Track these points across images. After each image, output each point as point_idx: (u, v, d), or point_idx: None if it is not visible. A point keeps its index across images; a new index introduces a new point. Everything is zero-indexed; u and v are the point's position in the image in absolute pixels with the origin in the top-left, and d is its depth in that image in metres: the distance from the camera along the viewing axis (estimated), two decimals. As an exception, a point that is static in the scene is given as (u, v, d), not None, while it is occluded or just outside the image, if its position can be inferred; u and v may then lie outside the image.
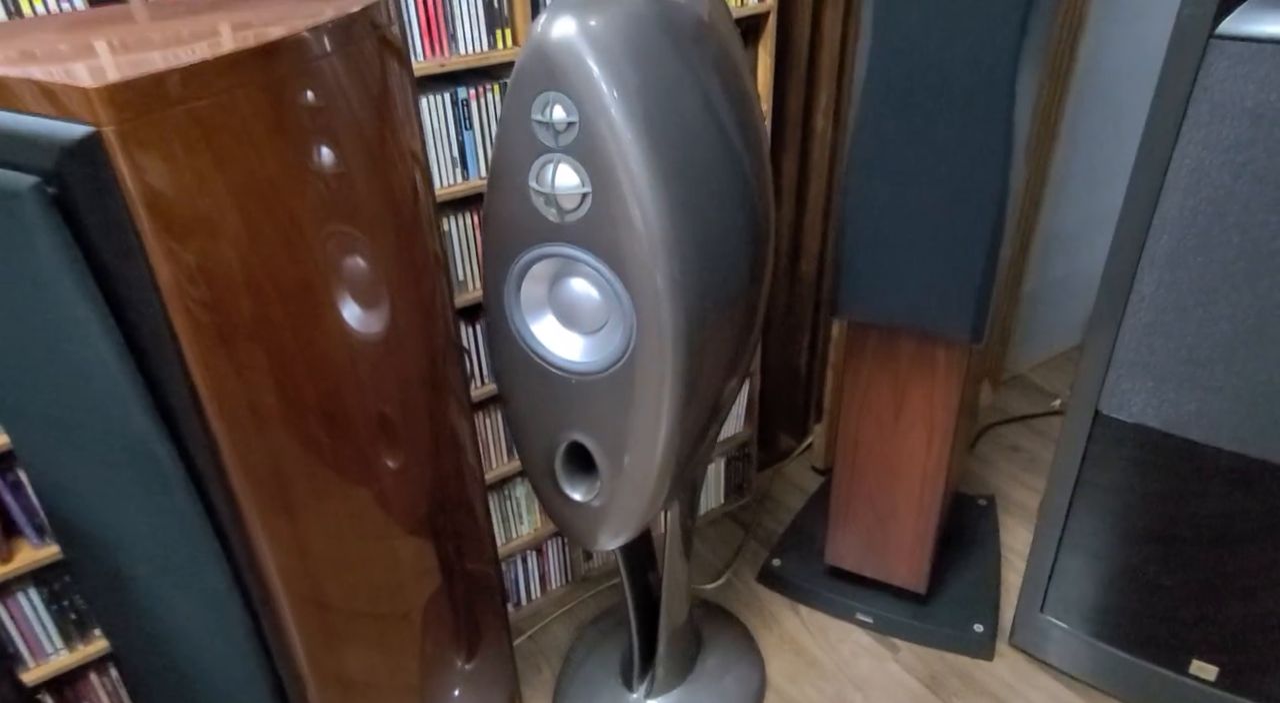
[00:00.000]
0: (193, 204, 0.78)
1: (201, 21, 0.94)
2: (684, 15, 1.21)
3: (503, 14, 1.38)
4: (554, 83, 1.01)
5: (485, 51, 1.38)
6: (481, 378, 1.64)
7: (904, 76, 1.35)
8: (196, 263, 0.79)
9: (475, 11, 1.35)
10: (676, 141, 1.10)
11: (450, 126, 1.39)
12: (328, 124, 0.96)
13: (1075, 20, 2.17)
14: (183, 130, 0.75)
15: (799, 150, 2.07)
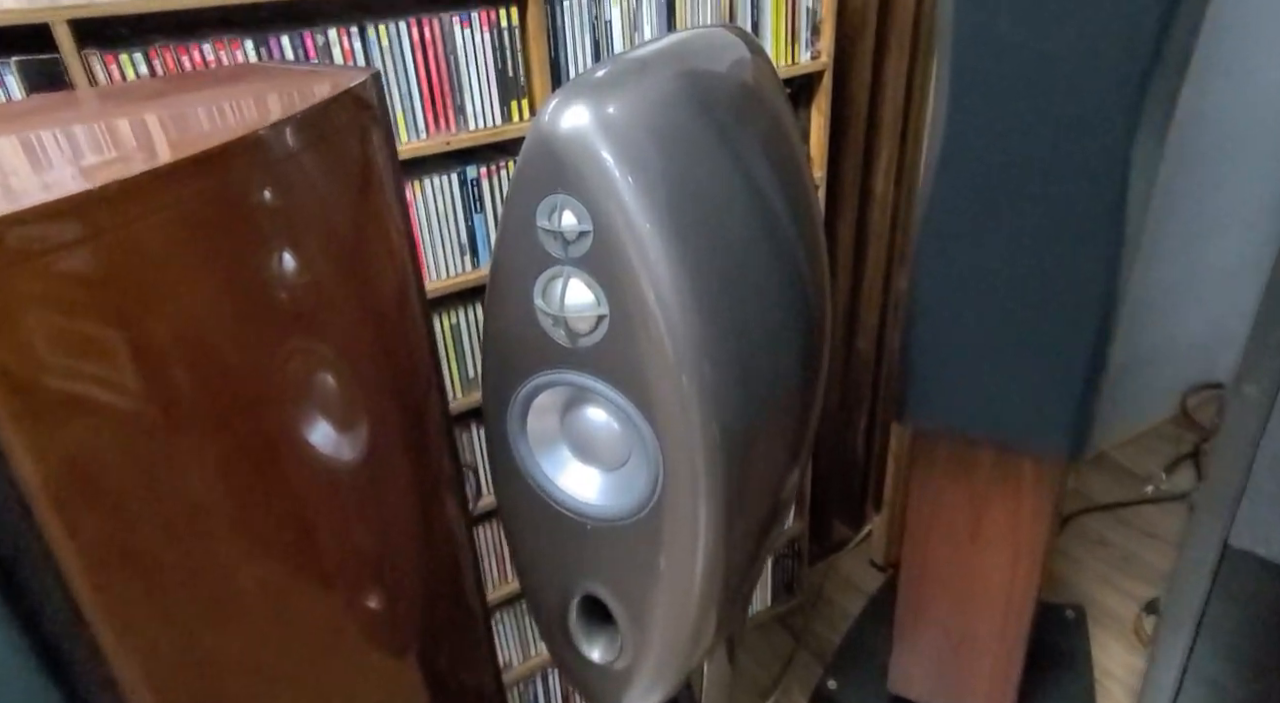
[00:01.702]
0: (72, 375, 0.60)
1: (136, 118, 0.78)
2: (724, 86, 1.02)
3: (518, 83, 1.21)
4: (563, 184, 0.82)
5: (498, 126, 1.21)
6: (490, 487, 1.45)
7: (989, 148, 1.13)
8: (79, 448, 0.61)
9: (487, 81, 1.18)
10: (714, 247, 0.90)
11: (458, 209, 1.22)
12: (286, 230, 0.79)
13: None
14: (57, 286, 0.58)
15: (856, 215, 1.85)
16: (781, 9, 1.42)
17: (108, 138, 0.73)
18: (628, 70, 0.89)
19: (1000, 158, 1.12)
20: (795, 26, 1.45)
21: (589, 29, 1.23)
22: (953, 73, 1.11)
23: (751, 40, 1.10)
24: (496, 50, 1.17)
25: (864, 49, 1.64)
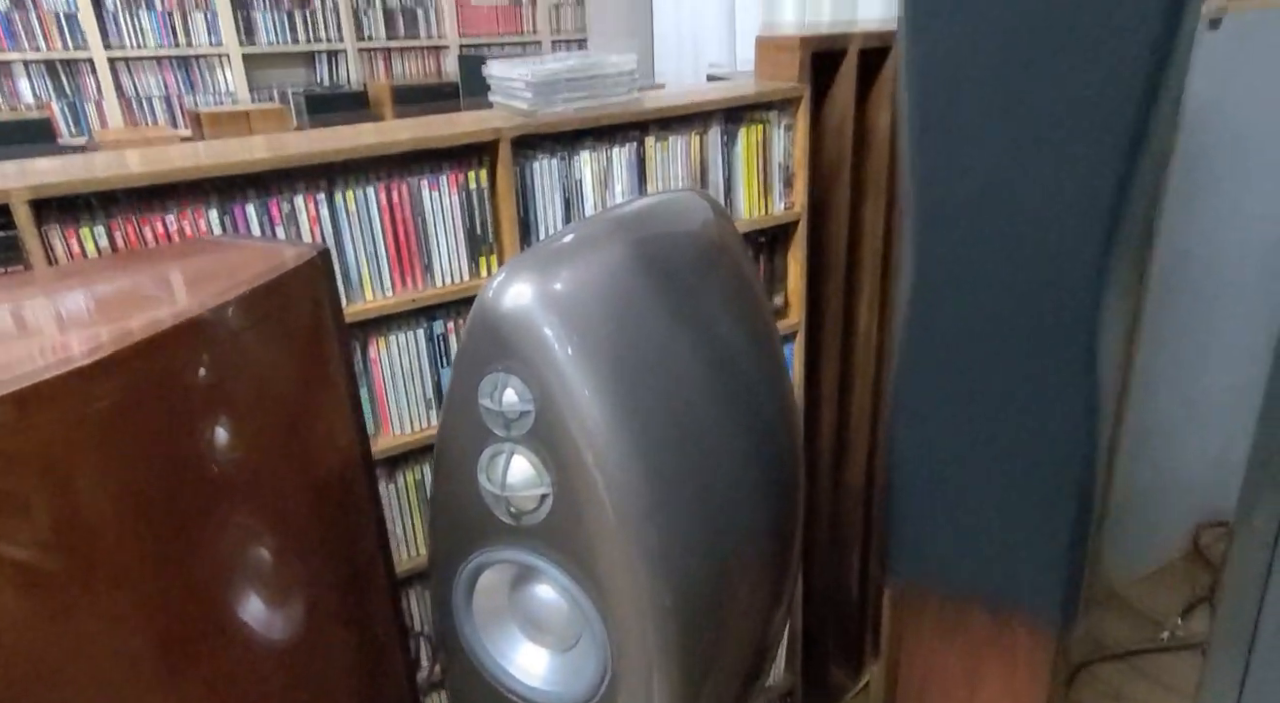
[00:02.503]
0: None
1: (82, 304, 0.79)
2: (681, 252, 1.02)
3: (487, 241, 1.22)
4: (505, 361, 0.81)
5: (466, 282, 1.22)
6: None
7: (955, 306, 1.12)
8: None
9: (455, 240, 1.19)
10: (664, 415, 0.88)
11: (424, 364, 1.21)
12: (223, 405, 0.77)
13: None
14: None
15: (840, 349, 1.84)
16: (753, 164, 1.45)
17: (51, 329, 0.73)
18: (577, 243, 0.90)
19: (967, 315, 1.11)
20: (768, 180, 1.48)
21: (559, 189, 1.26)
22: (916, 222, 1.12)
23: (714, 203, 1.12)
24: (465, 210, 1.19)
25: (840, 195, 1.68)
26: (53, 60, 3.18)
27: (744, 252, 1.16)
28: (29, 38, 3.10)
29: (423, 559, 1.29)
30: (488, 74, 1.32)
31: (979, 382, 1.12)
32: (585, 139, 1.29)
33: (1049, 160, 0.99)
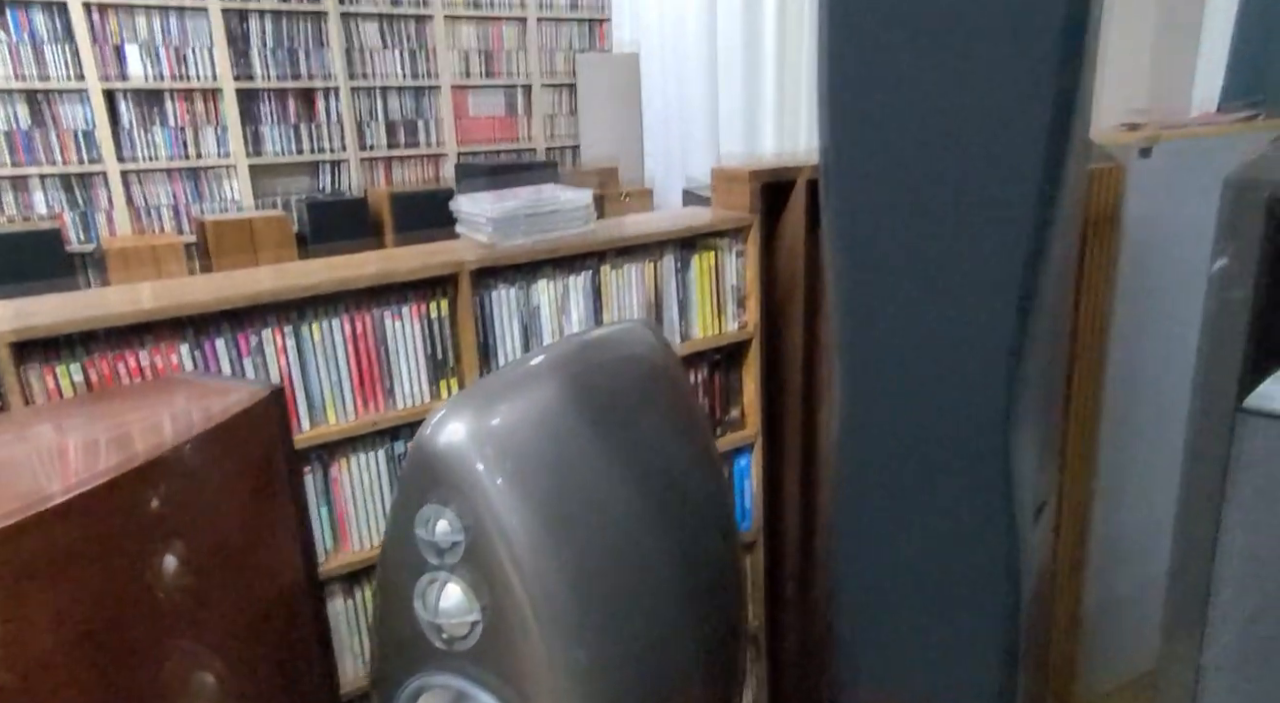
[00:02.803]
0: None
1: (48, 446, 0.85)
2: (620, 380, 1.10)
3: (448, 365, 1.30)
4: (438, 494, 0.87)
5: (426, 403, 1.29)
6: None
7: (881, 438, 1.18)
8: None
9: (416, 365, 1.27)
10: (597, 543, 0.93)
11: (385, 483, 1.27)
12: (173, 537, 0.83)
13: (1097, 308, 2.04)
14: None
15: (802, 456, 1.89)
16: (707, 287, 1.55)
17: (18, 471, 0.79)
18: (515, 380, 0.97)
19: (893, 446, 1.17)
20: (721, 301, 1.57)
21: (518, 315, 1.35)
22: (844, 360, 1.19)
23: (655, 332, 1.20)
24: (427, 337, 1.27)
25: (795, 311, 1.76)
26: (68, 174, 3.36)
27: (684, 377, 1.23)
28: (47, 153, 3.29)
29: (378, 675, 1.31)
30: (454, 208, 1.42)
31: (907, 508, 1.17)
32: (543, 268, 1.38)
33: (953, 313, 1.07)
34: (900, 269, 1.11)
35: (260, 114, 3.80)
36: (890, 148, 1.09)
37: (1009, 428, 1.07)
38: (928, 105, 1.04)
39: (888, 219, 1.11)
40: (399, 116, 4.23)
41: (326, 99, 3.97)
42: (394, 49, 4.12)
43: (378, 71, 4.08)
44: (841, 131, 1.13)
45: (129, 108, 3.47)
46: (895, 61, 1.05)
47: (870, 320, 1.16)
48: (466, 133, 4.52)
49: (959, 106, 1.03)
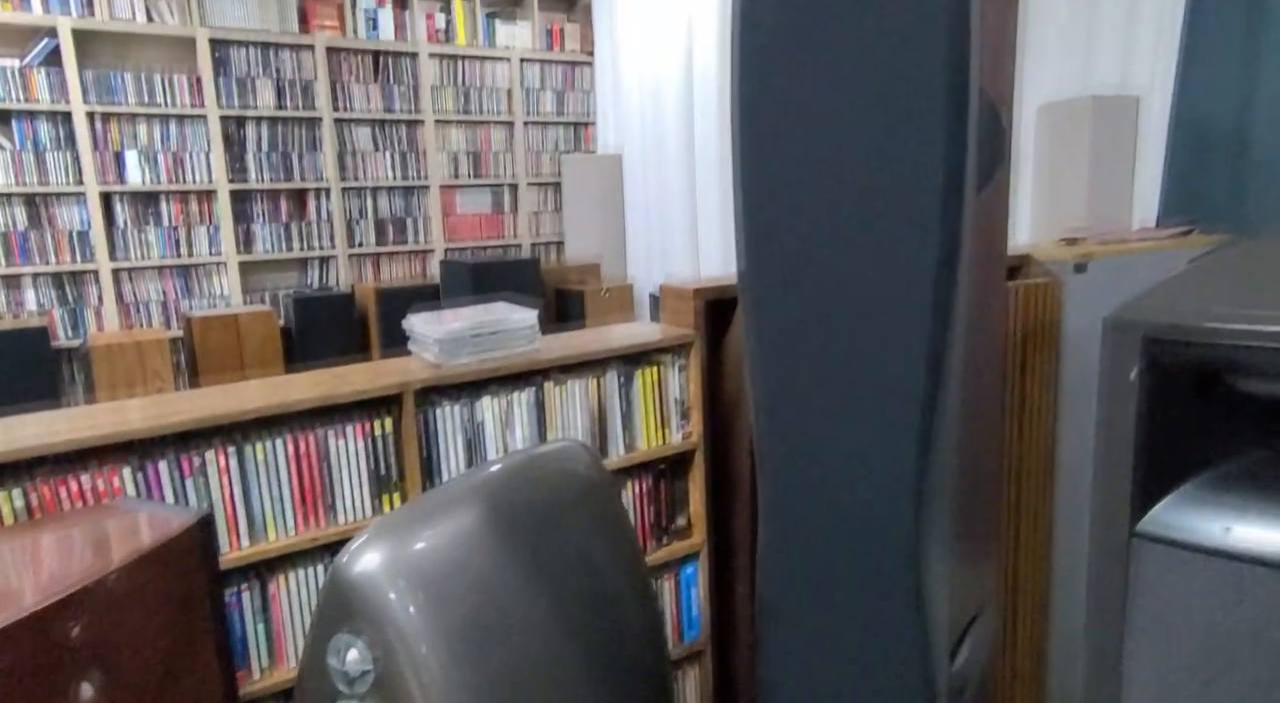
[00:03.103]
0: None
1: (-23, 569, 0.89)
2: (547, 503, 1.14)
3: (391, 480, 1.35)
4: (351, 624, 0.90)
5: (368, 517, 1.33)
6: None
7: (800, 555, 1.23)
8: None
9: (359, 481, 1.31)
10: (513, 667, 0.96)
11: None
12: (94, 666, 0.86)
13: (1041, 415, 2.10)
14: None
15: (750, 566, 1.91)
16: (650, 401, 1.61)
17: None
18: (437, 506, 1.01)
19: (813, 558, 1.21)
20: (665, 414, 1.63)
21: (462, 431, 1.40)
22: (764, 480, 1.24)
23: (589, 452, 1.25)
24: (370, 454, 1.32)
25: (742, 422, 1.82)
26: (60, 272, 3.47)
27: (616, 496, 1.28)
28: (41, 253, 3.41)
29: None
30: (407, 327, 1.50)
31: (824, 628, 1.20)
32: (489, 385, 1.44)
33: (860, 433, 1.13)
34: (810, 387, 1.17)
35: (252, 213, 3.94)
36: (800, 275, 1.17)
37: (918, 544, 1.11)
38: (833, 236, 1.13)
39: (799, 341, 1.18)
40: (388, 214, 4.39)
41: (318, 199, 4.13)
42: (385, 151, 4.30)
43: (369, 172, 4.26)
44: (755, 258, 1.22)
45: (124, 209, 3.61)
46: (801, 203, 1.14)
47: (786, 438, 1.21)
48: (453, 230, 4.67)
49: (859, 238, 1.11)
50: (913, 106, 1.04)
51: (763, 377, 1.23)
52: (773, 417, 1.23)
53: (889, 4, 1.04)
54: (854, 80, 1.08)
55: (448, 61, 4.44)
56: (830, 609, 1.19)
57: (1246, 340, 1.00)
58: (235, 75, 3.78)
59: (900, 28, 1.04)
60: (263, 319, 3.69)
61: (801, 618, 1.22)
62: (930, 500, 1.12)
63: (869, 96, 1.07)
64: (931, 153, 1.04)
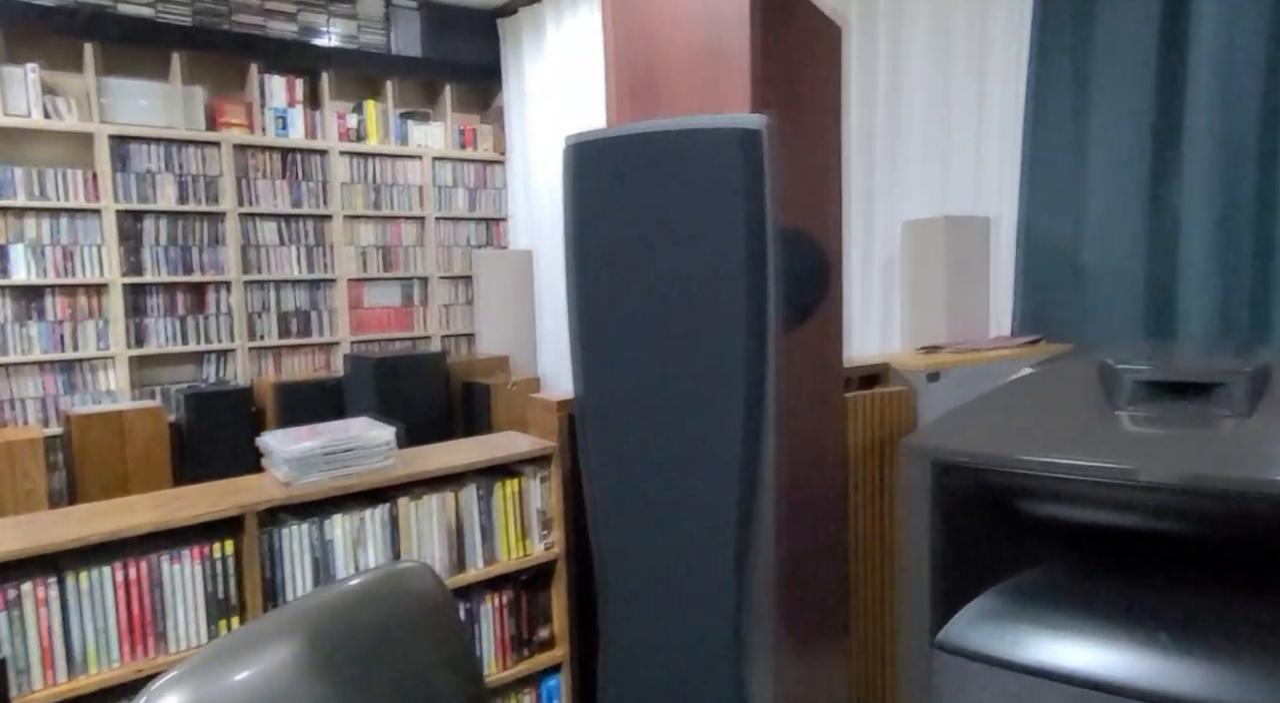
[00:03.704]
0: None
1: None
2: (378, 627, 1.14)
3: (229, 604, 1.32)
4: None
5: (203, 643, 1.30)
6: None
7: (634, 658, 1.25)
8: None
9: (194, 607, 1.29)
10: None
11: (149, 730, 1.25)
12: None
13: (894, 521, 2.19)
14: None
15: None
16: (510, 513, 1.63)
17: None
18: (252, 640, 1.01)
19: (644, 670, 1.24)
20: (526, 525, 1.65)
21: (310, 551, 1.40)
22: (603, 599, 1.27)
23: (428, 573, 1.26)
24: (208, 578, 1.30)
25: (610, 529, 1.85)
26: (-72, 370, 3.33)
27: (455, 616, 1.28)
28: (-92, 350, 3.27)
29: None
30: (261, 444, 1.50)
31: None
32: (342, 502, 1.45)
33: (684, 549, 1.18)
34: (638, 503, 1.23)
35: (147, 307, 3.87)
36: (627, 399, 1.24)
37: (739, 647, 1.15)
38: (655, 365, 1.20)
39: (627, 460, 1.24)
40: (292, 308, 4.36)
41: (218, 292, 4.09)
42: (292, 246, 4.32)
43: (274, 266, 4.25)
44: (588, 383, 1.28)
45: (5, 304, 3.50)
46: (627, 335, 1.22)
47: (617, 552, 1.26)
48: (361, 323, 4.67)
49: (679, 369, 1.19)
50: (718, 255, 1.15)
51: (596, 494, 1.28)
52: (606, 532, 1.27)
53: (697, 162, 1.15)
54: (668, 227, 1.18)
55: (359, 159, 4.53)
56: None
57: (1021, 468, 1.10)
58: (135, 171, 3.77)
59: (706, 184, 1.15)
60: (150, 416, 3.58)
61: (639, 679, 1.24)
62: (750, 606, 1.17)
63: (682, 241, 1.17)
64: (735, 297, 1.14)
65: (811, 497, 1.44)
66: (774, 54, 1.24)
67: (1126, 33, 2.29)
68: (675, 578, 1.20)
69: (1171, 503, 1.04)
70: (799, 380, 1.36)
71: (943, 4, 2.75)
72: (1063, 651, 1.07)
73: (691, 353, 1.18)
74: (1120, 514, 1.10)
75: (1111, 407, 1.14)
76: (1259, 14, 2.00)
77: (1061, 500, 1.12)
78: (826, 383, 1.52)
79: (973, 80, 2.73)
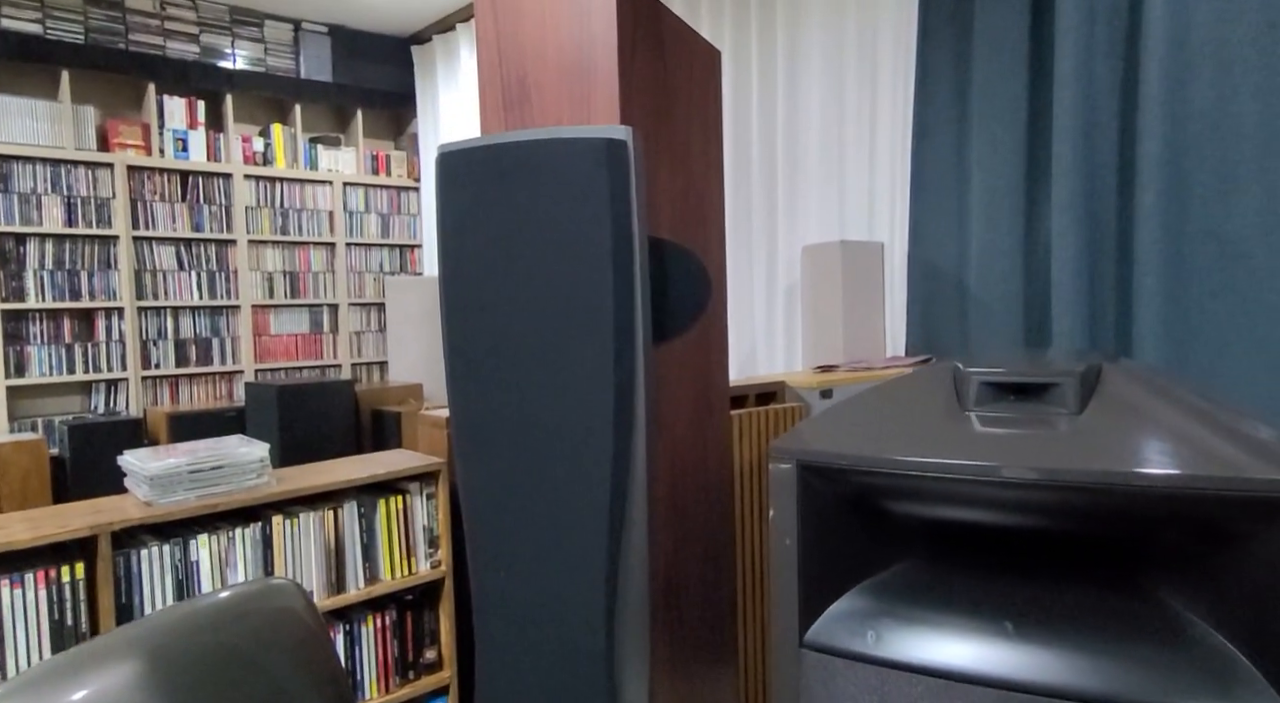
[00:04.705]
0: None
1: None
2: (242, 644, 1.10)
3: (79, 631, 1.25)
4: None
5: (47, 675, 1.22)
6: None
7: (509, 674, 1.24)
8: None
9: (37, 636, 1.21)
10: None
11: (-18, 770, 1.16)
12: None
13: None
14: None
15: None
16: (394, 530, 1.59)
17: None
18: (86, 660, 0.96)
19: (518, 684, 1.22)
20: (411, 543, 1.62)
21: (171, 571, 1.33)
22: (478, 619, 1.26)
23: (296, 589, 1.22)
24: (54, 604, 1.23)
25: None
26: None
27: (323, 636, 1.24)
28: None
29: None
30: (123, 463, 1.43)
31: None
32: (212, 522, 1.39)
33: (558, 559, 1.18)
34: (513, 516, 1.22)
35: (28, 334, 3.67)
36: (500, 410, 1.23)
37: (612, 661, 1.15)
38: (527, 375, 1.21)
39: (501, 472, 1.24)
40: (191, 335, 4.20)
41: (108, 318, 3.91)
42: (191, 271, 4.17)
43: (171, 292, 4.10)
44: (460, 395, 1.27)
45: None
46: (499, 345, 1.22)
47: (490, 567, 1.24)
48: (267, 351, 4.52)
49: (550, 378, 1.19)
50: (586, 263, 1.16)
51: (471, 508, 1.27)
52: (480, 547, 1.26)
53: (565, 172, 1.18)
54: (537, 235, 1.19)
55: (266, 183, 4.43)
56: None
57: (878, 467, 1.14)
58: (18, 191, 3.60)
59: (573, 193, 1.17)
60: (28, 449, 3.37)
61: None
62: (624, 613, 1.17)
63: (550, 250, 1.18)
64: (603, 303, 1.15)
65: (693, 509, 1.45)
66: (644, 72, 1.28)
67: (1001, 68, 2.45)
68: (549, 589, 1.20)
69: (1011, 496, 1.09)
70: (677, 392, 1.38)
71: (835, 43, 2.88)
72: (918, 644, 1.11)
73: (562, 361, 1.19)
74: (969, 509, 1.15)
75: (961, 408, 1.20)
76: (1112, 39, 2.16)
77: (918, 497, 1.16)
78: (710, 398, 1.55)
79: (865, 115, 2.85)
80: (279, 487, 1.46)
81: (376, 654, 1.57)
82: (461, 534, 1.75)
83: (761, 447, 2.03)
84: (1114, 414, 1.10)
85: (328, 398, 4.21)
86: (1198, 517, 1.02)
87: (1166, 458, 1.00)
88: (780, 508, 1.17)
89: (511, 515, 1.22)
